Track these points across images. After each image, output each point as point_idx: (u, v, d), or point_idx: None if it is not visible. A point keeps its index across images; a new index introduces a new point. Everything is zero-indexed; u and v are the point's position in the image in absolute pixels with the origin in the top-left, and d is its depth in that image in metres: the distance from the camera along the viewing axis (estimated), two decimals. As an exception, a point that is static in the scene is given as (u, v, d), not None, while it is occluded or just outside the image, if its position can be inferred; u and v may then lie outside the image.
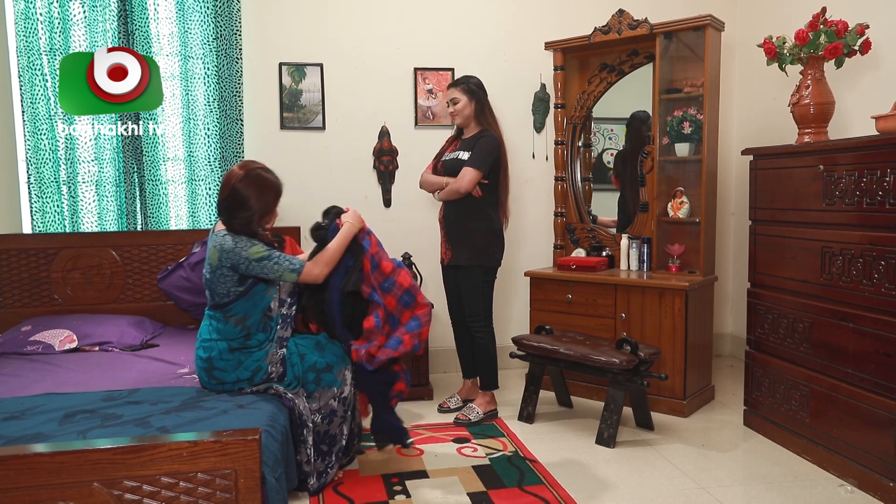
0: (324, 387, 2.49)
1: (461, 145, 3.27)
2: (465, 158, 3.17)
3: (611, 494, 2.50)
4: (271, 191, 2.46)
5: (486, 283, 3.26)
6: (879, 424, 2.40)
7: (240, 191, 2.38)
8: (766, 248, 3.02)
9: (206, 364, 2.44)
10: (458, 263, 3.24)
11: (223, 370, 2.42)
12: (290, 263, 2.42)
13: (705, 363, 3.50)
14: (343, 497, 2.47)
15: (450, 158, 3.27)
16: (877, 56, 3.03)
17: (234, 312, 2.42)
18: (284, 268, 2.40)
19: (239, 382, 2.43)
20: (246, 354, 2.43)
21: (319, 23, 3.85)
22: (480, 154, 3.14)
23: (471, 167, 3.12)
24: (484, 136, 3.19)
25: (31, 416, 2.14)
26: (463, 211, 3.20)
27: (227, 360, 2.42)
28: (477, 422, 3.21)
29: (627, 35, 3.55)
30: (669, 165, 3.63)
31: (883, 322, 2.38)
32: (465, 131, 3.31)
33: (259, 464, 1.64)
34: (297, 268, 2.42)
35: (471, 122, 3.26)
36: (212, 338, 2.44)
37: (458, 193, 3.14)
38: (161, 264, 3.48)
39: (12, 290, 3.36)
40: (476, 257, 3.21)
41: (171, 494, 1.58)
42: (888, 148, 2.38)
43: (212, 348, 2.42)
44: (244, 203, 2.38)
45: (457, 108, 3.23)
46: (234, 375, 2.43)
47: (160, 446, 1.58)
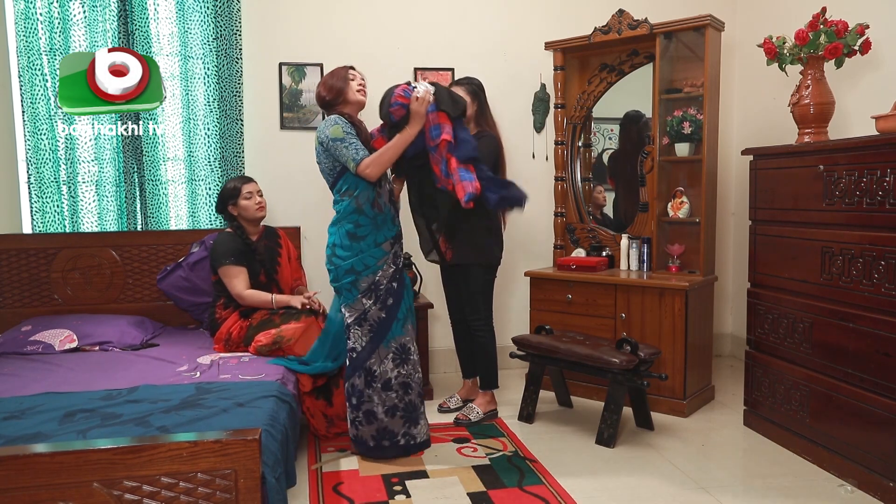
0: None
1: None
2: None
3: (611, 494, 2.50)
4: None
5: (486, 281, 3.27)
6: (879, 424, 2.40)
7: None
8: (766, 248, 3.02)
9: (329, 251, 2.76)
10: (459, 262, 3.24)
11: (342, 258, 2.70)
12: (355, 152, 2.64)
13: (705, 363, 3.50)
14: (343, 497, 2.47)
15: None
16: (877, 56, 3.03)
17: (342, 187, 2.71)
18: (349, 155, 2.64)
19: (350, 274, 2.70)
20: (363, 244, 2.70)
21: (319, 23, 3.85)
22: (481, 154, 3.13)
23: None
24: (484, 135, 3.20)
25: (30, 415, 2.14)
26: (463, 210, 3.20)
27: (346, 247, 2.70)
28: (477, 421, 3.21)
29: (627, 35, 3.55)
30: (669, 165, 3.63)
31: (883, 322, 2.38)
32: None
33: (259, 464, 1.64)
34: (357, 159, 2.64)
35: (470, 123, 3.26)
36: (334, 222, 2.76)
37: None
38: (161, 264, 3.48)
39: (12, 290, 3.36)
40: (477, 255, 3.21)
41: (171, 494, 1.59)
42: (888, 148, 2.38)
43: (335, 233, 2.74)
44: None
45: None
46: (349, 264, 2.68)
47: (160, 446, 1.58)
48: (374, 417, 2.74)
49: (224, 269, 3.11)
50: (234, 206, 3.20)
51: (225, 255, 3.11)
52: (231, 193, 3.20)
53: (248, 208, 3.19)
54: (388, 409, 2.75)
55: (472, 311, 3.27)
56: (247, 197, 3.19)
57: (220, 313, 3.14)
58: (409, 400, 2.78)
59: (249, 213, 3.20)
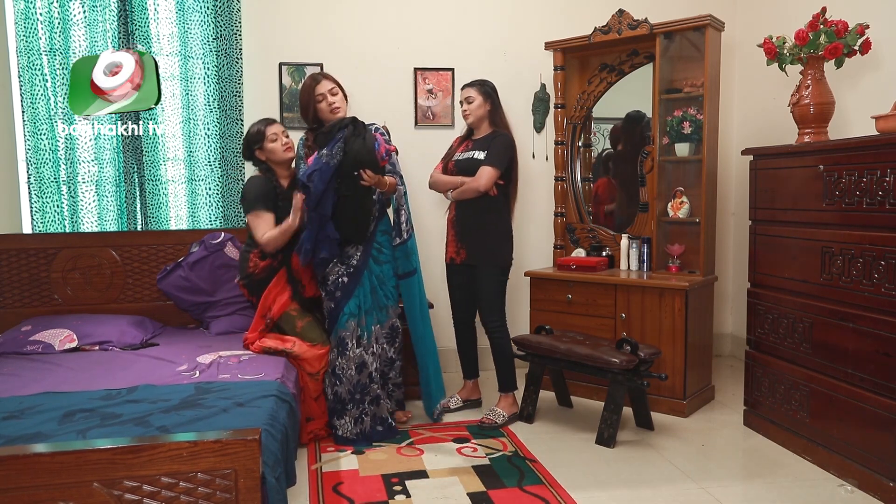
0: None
1: (473, 145, 3.26)
2: (482, 158, 3.16)
3: (611, 494, 2.50)
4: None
5: (501, 282, 3.26)
6: (879, 424, 2.40)
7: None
8: (766, 248, 3.02)
9: None
10: (473, 263, 3.23)
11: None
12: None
13: (705, 363, 3.50)
14: (343, 497, 2.47)
15: (463, 158, 3.26)
16: (877, 56, 3.03)
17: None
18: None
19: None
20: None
21: (319, 23, 3.85)
22: (497, 153, 3.15)
23: (489, 166, 3.13)
24: (499, 135, 3.20)
25: (30, 415, 2.14)
26: (478, 210, 3.21)
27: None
28: (503, 424, 3.19)
29: (627, 35, 3.55)
30: (669, 165, 3.63)
31: (883, 322, 2.38)
32: (475, 132, 3.31)
33: (259, 464, 1.64)
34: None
35: (483, 123, 3.27)
36: None
37: (477, 192, 3.15)
38: (161, 264, 3.48)
39: (12, 290, 3.36)
40: (492, 256, 3.21)
41: (171, 494, 1.59)
42: (888, 148, 2.38)
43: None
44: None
45: (471, 108, 3.23)
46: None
47: (160, 446, 1.58)
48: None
49: (252, 216, 3.01)
50: (261, 150, 3.09)
51: (254, 201, 3.01)
52: (255, 138, 3.08)
53: (276, 150, 3.08)
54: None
55: (488, 313, 3.25)
56: (272, 139, 3.07)
57: (255, 261, 3.05)
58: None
59: (277, 154, 3.09)
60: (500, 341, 3.26)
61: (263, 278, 3.05)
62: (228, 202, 3.67)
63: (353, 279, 2.98)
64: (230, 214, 3.68)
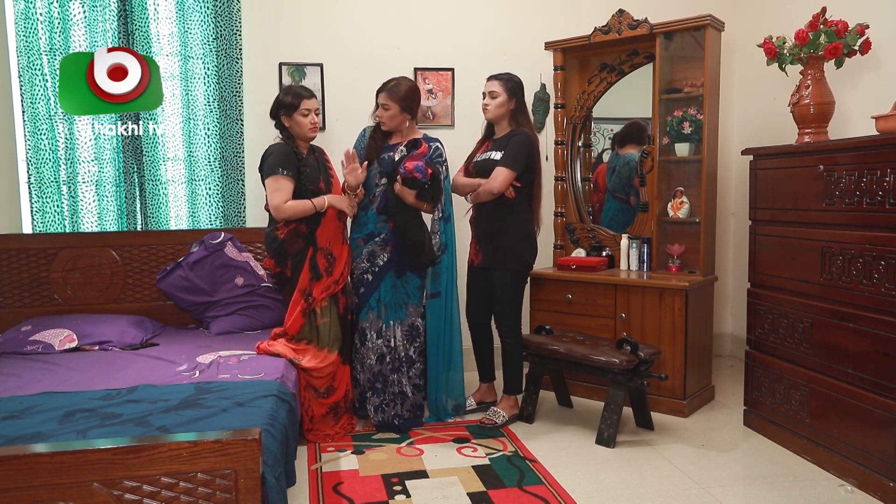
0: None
1: (493, 146, 3.20)
2: (498, 158, 3.10)
3: (611, 494, 2.50)
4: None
5: (515, 286, 3.21)
6: (879, 424, 2.40)
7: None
8: (766, 248, 3.02)
9: None
10: (487, 266, 3.22)
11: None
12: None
13: (705, 363, 3.50)
14: (343, 497, 2.47)
15: (482, 159, 3.20)
16: (877, 56, 3.03)
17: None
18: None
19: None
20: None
21: (319, 23, 3.85)
22: (513, 153, 3.06)
23: (504, 167, 3.05)
24: (516, 134, 3.11)
25: (30, 415, 2.14)
26: (494, 213, 3.15)
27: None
28: (502, 425, 3.18)
29: (627, 35, 3.56)
30: (669, 165, 3.63)
31: (883, 322, 2.38)
32: (496, 130, 3.23)
33: (259, 464, 1.64)
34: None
35: (503, 121, 3.18)
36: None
37: (492, 194, 3.08)
38: (161, 264, 3.48)
39: (12, 290, 3.36)
40: (505, 260, 3.17)
41: (171, 494, 1.58)
42: (888, 148, 2.38)
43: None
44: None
45: (492, 104, 3.14)
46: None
47: (160, 446, 1.58)
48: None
49: (272, 179, 2.89)
50: (289, 118, 2.97)
51: (276, 165, 2.89)
52: (289, 105, 2.96)
53: (303, 125, 2.96)
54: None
55: (499, 316, 3.24)
56: (304, 113, 2.95)
57: (282, 230, 2.96)
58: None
59: (302, 130, 2.98)
60: (510, 345, 3.21)
61: (288, 240, 2.97)
62: (228, 202, 3.67)
63: (377, 278, 3.12)
64: (230, 214, 3.68)
